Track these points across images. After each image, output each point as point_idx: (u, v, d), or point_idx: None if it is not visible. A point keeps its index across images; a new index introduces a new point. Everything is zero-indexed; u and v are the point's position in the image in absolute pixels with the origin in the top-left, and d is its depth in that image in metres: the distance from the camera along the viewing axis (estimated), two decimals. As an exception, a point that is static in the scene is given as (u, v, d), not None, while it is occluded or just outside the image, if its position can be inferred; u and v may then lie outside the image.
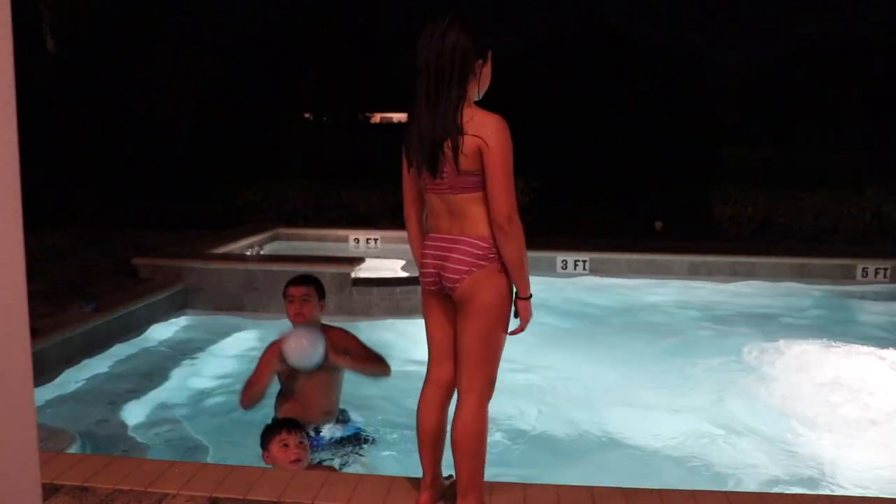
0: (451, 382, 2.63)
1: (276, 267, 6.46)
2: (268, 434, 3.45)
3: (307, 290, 3.78)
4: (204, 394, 4.85)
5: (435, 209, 2.55)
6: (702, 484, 3.39)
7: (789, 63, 39.02)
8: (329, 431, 3.83)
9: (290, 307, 3.78)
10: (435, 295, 2.62)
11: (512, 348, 2.61)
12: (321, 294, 3.86)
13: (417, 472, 2.70)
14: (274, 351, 3.70)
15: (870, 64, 36.21)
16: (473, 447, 2.51)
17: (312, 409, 3.81)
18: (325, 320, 3.96)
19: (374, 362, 3.85)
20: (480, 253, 2.45)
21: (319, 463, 3.61)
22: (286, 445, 3.34)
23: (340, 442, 3.83)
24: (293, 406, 3.80)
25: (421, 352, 3.80)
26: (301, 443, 3.39)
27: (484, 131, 2.37)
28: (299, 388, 3.80)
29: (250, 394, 3.71)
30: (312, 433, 3.74)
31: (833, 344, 5.78)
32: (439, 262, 2.52)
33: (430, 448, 2.63)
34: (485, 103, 2.51)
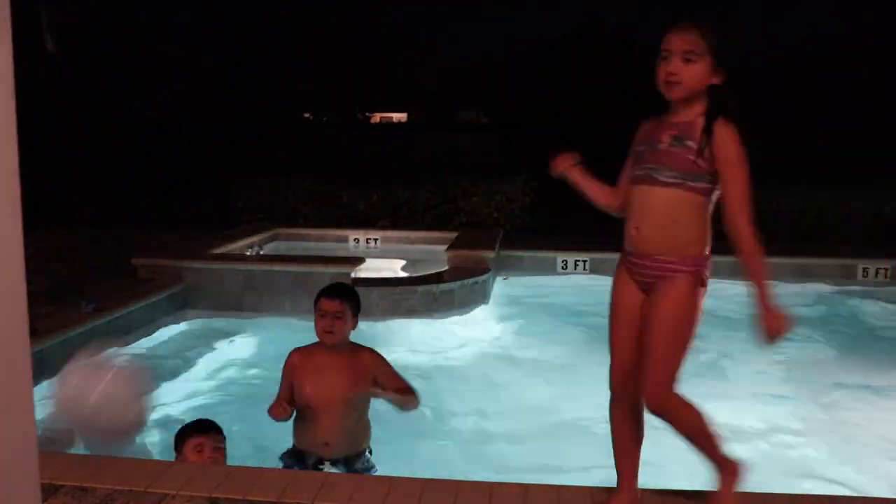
0: None
1: (276, 267, 6.47)
2: (181, 436, 3.18)
3: (342, 307, 3.17)
4: (203, 394, 4.86)
5: None
6: (703, 483, 3.38)
7: (789, 62, 39.07)
8: (329, 468, 3.20)
9: (321, 322, 3.16)
10: None
11: (512, 349, 2.61)
12: (357, 310, 3.27)
13: (416, 472, 2.68)
14: (287, 362, 3.28)
15: (870, 63, 36.25)
16: None
17: (314, 437, 3.22)
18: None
19: (405, 392, 3.19)
20: None
21: None
22: (200, 450, 3.10)
23: None
24: (300, 431, 3.28)
25: (420, 351, 3.81)
26: (217, 448, 3.15)
27: None
28: (308, 412, 3.22)
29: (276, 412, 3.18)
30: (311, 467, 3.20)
31: (834, 344, 5.78)
32: None
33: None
34: None
